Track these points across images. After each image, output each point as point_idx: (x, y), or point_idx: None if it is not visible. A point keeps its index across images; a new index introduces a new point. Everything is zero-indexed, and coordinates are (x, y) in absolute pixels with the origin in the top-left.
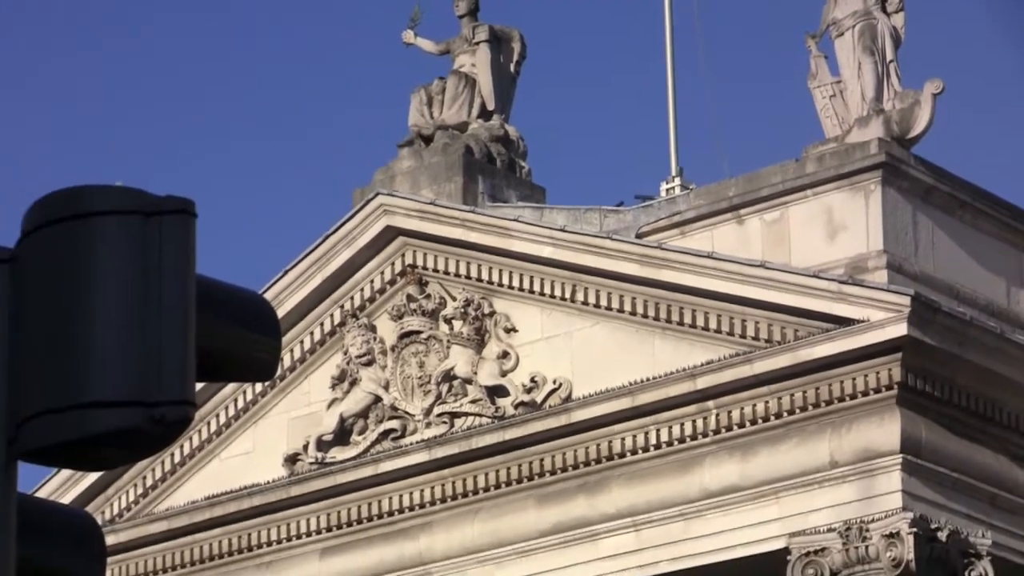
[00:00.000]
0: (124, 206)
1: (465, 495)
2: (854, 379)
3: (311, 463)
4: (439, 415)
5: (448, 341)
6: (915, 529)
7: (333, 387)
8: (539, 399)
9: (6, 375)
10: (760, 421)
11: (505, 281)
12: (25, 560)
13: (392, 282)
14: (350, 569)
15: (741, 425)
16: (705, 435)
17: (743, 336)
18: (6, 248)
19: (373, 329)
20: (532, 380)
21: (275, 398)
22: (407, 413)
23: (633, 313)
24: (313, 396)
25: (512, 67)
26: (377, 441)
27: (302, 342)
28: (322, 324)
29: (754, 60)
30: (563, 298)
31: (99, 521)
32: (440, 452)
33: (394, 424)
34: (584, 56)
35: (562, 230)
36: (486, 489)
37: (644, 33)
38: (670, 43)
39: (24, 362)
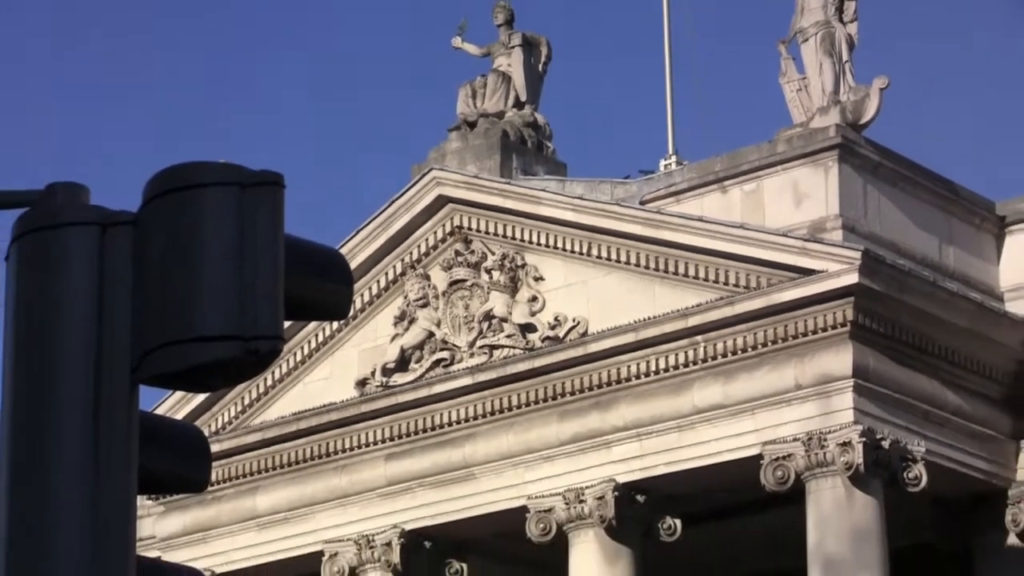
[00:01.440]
0: (226, 179)
1: (501, 411)
2: (815, 318)
3: (377, 386)
4: (480, 347)
5: (488, 288)
6: (863, 439)
7: (395, 325)
8: (561, 334)
9: (130, 316)
10: (739, 352)
11: (534, 239)
12: (145, 465)
13: (443, 240)
14: (409, 471)
15: (724, 355)
16: (695, 363)
17: (726, 283)
18: (130, 212)
19: (427, 278)
20: (556, 319)
21: (348, 334)
22: (455, 346)
23: (637, 265)
24: (379, 332)
25: (540, 67)
26: (430, 368)
27: (370, 288)
28: (386, 274)
29: (737, 60)
30: (581, 253)
31: (205, 433)
32: (481, 377)
33: (444, 355)
34: (598, 56)
35: (580, 198)
36: (518, 407)
37: (647, 38)
38: (668, 46)
39: (144, 306)
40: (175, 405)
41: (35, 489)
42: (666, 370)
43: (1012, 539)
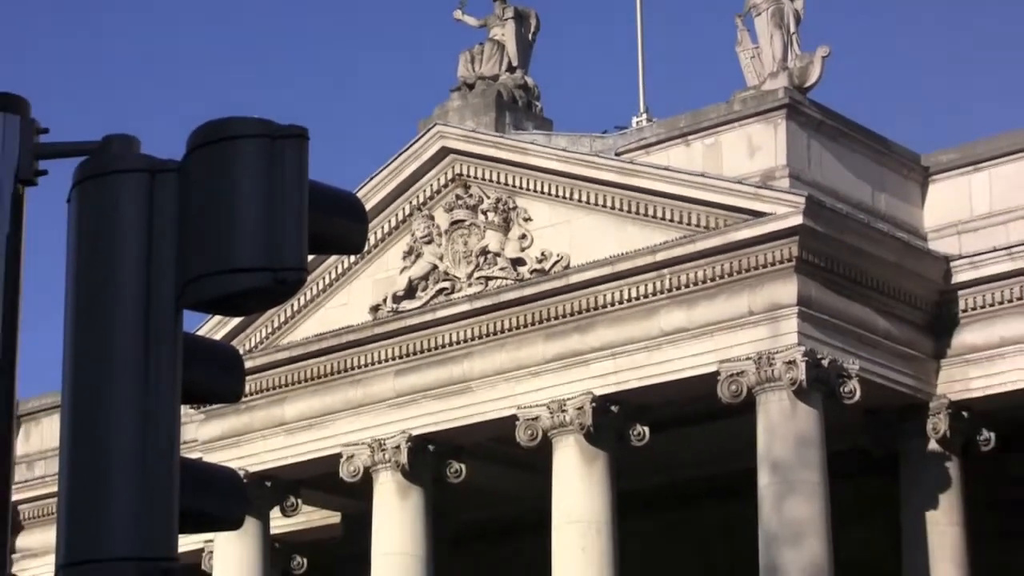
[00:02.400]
0: (258, 132)
1: (494, 333)
2: (765, 254)
3: (388, 311)
4: (477, 278)
5: (484, 227)
6: (806, 358)
7: (404, 259)
8: (547, 267)
9: (174, 251)
10: (700, 283)
11: (524, 185)
12: (189, 378)
13: (445, 186)
14: (414, 385)
15: (686, 286)
16: (661, 292)
17: (689, 223)
18: (175, 161)
19: (432, 219)
20: (542, 254)
21: (363, 266)
22: (455, 277)
23: (613, 208)
24: (390, 265)
25: (530, 36)
26: (434, 296)
27: (382, 227)
28: (396, 214)
29: (698, 30)
30: (564, 197)
31: (240, 351)
32: (478, 304)
33: (446, 284)
34: (580, 27)
35: (564, 150)
36: (509, 329)
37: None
38: (640, 19)
39: (187, 241)
40: (214, 327)
41: (95, 398)
42: (637, 298)
43: (932, 445)
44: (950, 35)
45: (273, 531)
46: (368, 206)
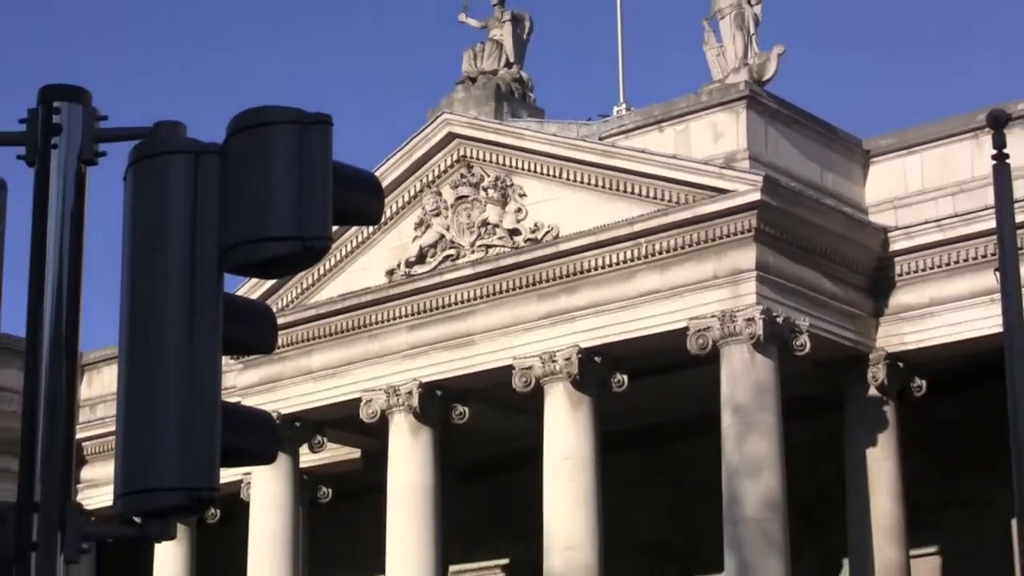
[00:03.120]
0: (289, 118)
1: (494, 294)
2: (728, 225)
3: (402, 274)
4: (479, 246)
5: (485, 202)
6: (763, 316)
7: (415, 229)
8: (539, 236)
9: (216, 222)
10: (672, 250)
11: (520, 165)
12: (228, 332)
13: (451, 166)
14: (425, 339)
15: (660, 253)
16: (638, 259)
17: (662, 199)
18: (217, 144)
19: (440, 194)
20: (535, 225)
21: (380, 235)
22: (460, 244)
23: (596, 185)
24: (403, 235)
25: (525, 36)
26: (441, 261)
27: (396, 202)
28: (408, 191)
29: (671, 29)
30: (555, 176)
31: (273, 308)
32: (479, 268)
33: (452, 251)
34: (572, 28)
35: (554, 135)
36: (506, 290)
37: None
38: (620, 21)
39: (227, 213)
40: (250, 288)
41: (147, 349)
42: (616, 264)
43: (872, 391)
44: (891, 34)
45: (302, 465)
46: (384, 183)
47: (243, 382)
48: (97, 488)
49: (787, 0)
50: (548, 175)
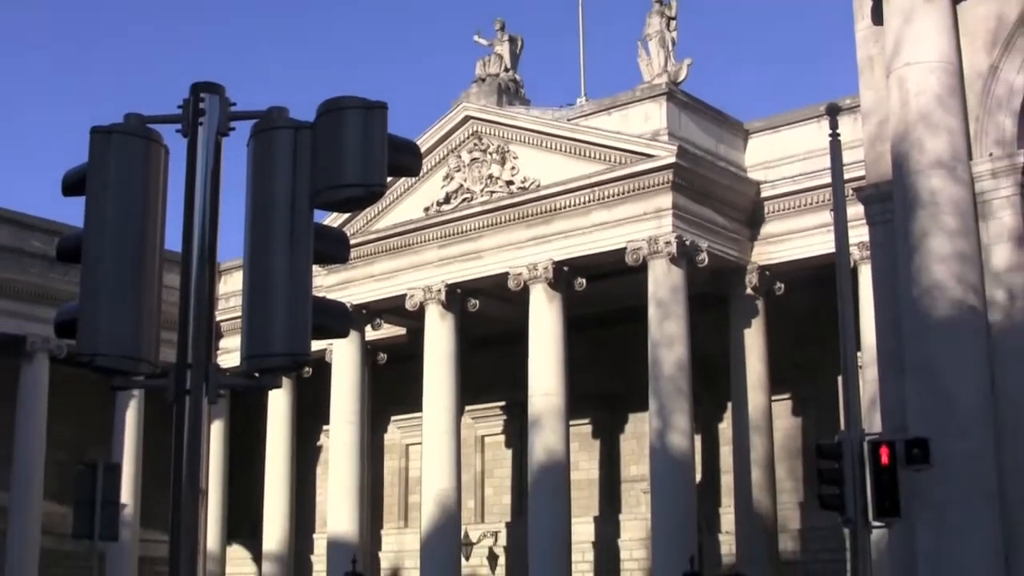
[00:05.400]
0: (358, 104)
1: (496, 224)
2: (654, 178)
3: (434, 211)
4: (486, 191)
5: (490, 162)
6: (676, 240)
7: (443, 180)
8: (527, 186)
9: (309, 174)
10: (616, 195)
11: (514, 138)
12: (317, 248)
13: (467, 138)
14: (449, 254)
15: (608, 197)
16: (593, 201)
17: (610, 160)
18: (310, 122)
19: (460, 157)
20: (524, 178)
21: (419, 184)
22: (473, 191)
23: (565, 151)
24: (435, 184)
25: (517, 50)
26: (461, 202)
27: (430, 161)
28: (439, 153)
29: (621, 38)
30: (537, 145)
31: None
32: (488, 206)
33: (467, 195)
34: (547, 40)
35: (537, 117)
36: (504, 221)
37: (564, 26)
38: (582, 35)
39: (317, 168)
40: (332, 219)
41: (263, 259)
42: (579, 204)
43: (748, 291)
44: (769, 45)
45: (366, 338)
46: (423, 149)
47: (327, 283)
48: (229, 354)
49: (695, 26)
50: (533, 144)
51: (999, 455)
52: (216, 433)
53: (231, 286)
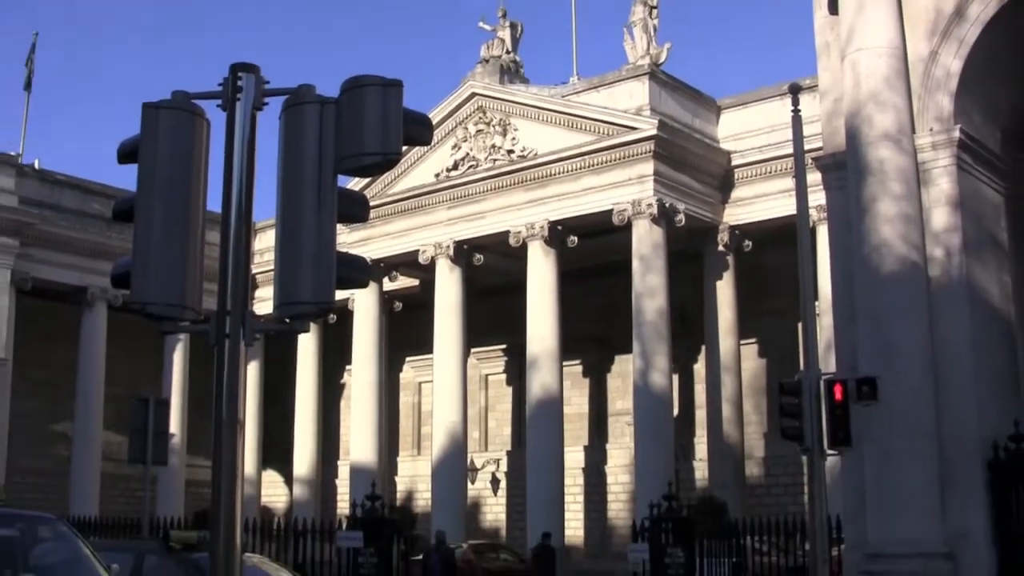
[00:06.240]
0: (376, 82)
1: (498, 188)
2: (637, 148)
3: (444, 176)
4: (490, 159)
5: (493, 133)
6: (657, 202)
7: (452, 149)
8: (526, 154)
9: (333, 143)
10: (604, 163)
11: (515, 112)
12: (340, 209)
13: (473, 112)
14: (458, 214)
15: (598, 164)
16: (584, 168)
17: (599, 132)
18: (334, 97)
19: (467, 128)
20: (523, 147)
21: (430, 152)
22: (478, 158)
23: (559, 124)
24: (444, 152)
25: (518, 35)
26: (467, 168)
27: (440, 132)
28: (448, 125)
29: (607, 25)
30: (535, 118)
31: (367, 195)
32: (490, 172)
33: (473, 163)
34: (542, 24)
35: (535, 94)
36: (505, 186)
37: (559, 12)
38: (574, 15)
39: (340, 138)
40: (354, 184)
41: (293, 217)
42: (571, 171)
43: (720, 248)
44: (736, 28)
45: (384, 289)
46: (435, 121)
47: (349, 239)
48: (263, 302)
49: (675, 12)
50: (531, 118)
51: (937, 397)
52: (252, 372)
53: (265, 242)
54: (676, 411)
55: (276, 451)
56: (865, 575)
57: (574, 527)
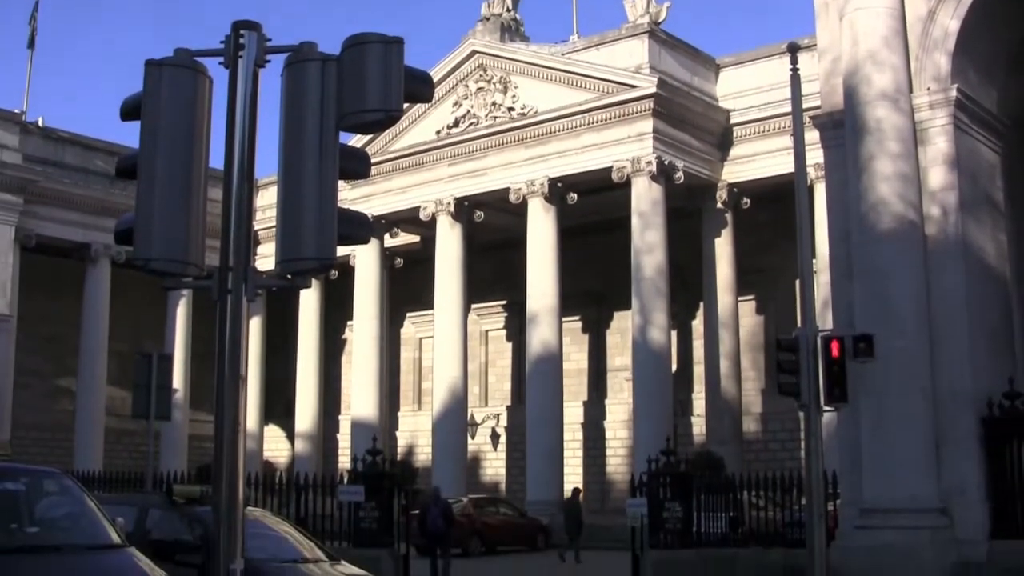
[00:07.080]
0: (378, 40)
1: (499, 145)
2: (637, 106)
3: (444, 133)
4: (490, 116)
5: (493, 90)
6: (657, 159)
7: (453, 106)
8: (527, 112)
9: (335, 100)
10: (604, 120)
11: (514, 70)
12: (342, 165)
13: (474, 70)
14: (459, 171)
15: (598, 122)
16: (584, 125)
17: (599, 90)
18: (336, 55)
19: (467, 86)
20: (523, 105)
21: (431, 109)
22: (479, 116)
23: (560, 82)
24: (446, 109)
25: None
26: (468, 126)
27: (442, 89)
28: (449, 82)
29: None
30: (535, 76)
31: (368, 151)
32: (491, 130)
33: (474, 120)
34: None
35: (535, 51)
36: (506, 143)
37: None
38: None
39: (342, 96)
40: (356, 140)
41: (296, 174)
42: (572, 128)
43: (718, 205)
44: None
45: (385, 245)
46: (436, 79)
47: (351, 196)
48: (266, 259)
49: None
50: (531, 75)
51: (932, 354)
52: (254, 327)
53: (267, 199)
54: (674, 367)
55: (278, 406)
56: (860, 530)
57: (573, 482)
